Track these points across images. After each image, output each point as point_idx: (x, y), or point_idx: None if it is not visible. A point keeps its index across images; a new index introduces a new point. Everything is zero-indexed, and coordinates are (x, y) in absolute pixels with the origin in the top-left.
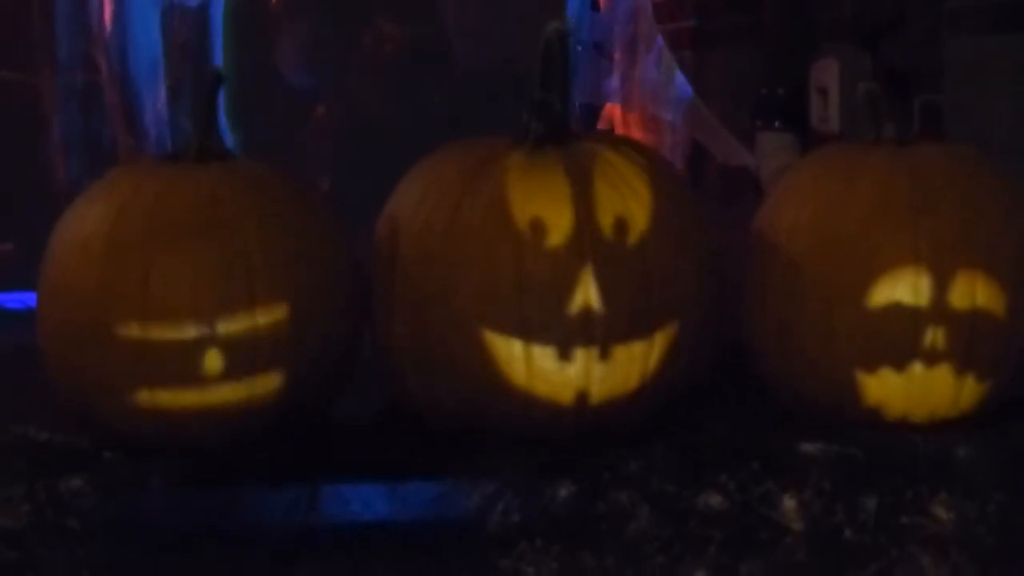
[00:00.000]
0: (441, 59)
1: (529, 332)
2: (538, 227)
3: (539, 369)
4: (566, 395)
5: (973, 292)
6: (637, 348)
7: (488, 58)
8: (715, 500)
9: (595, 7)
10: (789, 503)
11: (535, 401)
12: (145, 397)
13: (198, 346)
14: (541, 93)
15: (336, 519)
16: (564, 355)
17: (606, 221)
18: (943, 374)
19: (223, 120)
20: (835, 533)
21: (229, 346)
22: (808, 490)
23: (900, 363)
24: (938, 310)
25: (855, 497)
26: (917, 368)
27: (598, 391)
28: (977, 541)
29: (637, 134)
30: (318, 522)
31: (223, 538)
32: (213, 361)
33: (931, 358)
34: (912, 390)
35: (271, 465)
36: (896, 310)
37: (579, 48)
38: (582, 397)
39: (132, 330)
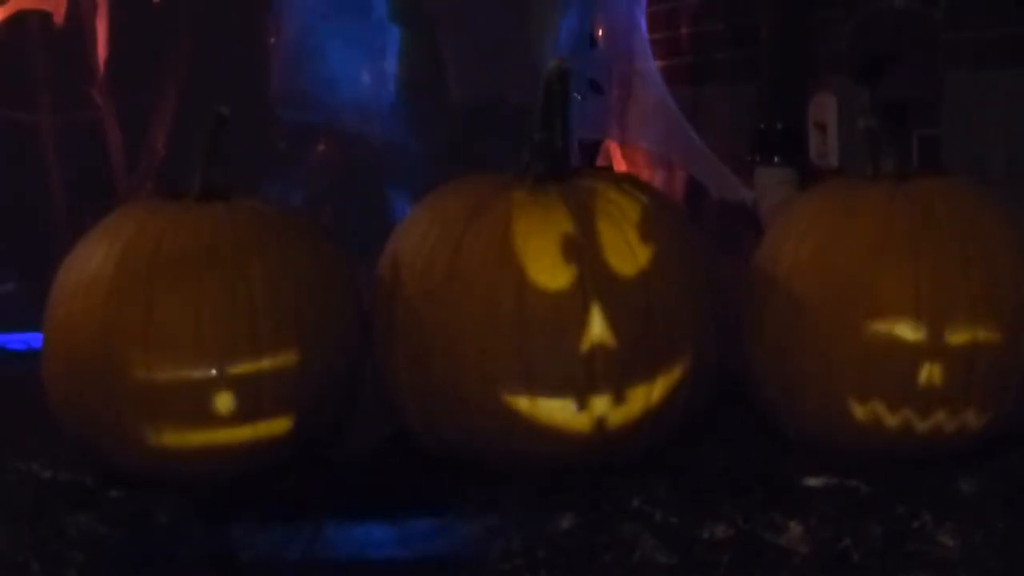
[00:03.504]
0: (437, 94)
1: (532, 369)
2: (540, 264)
3: (541, 405)
4: (568, 430)
5: (973, 327)
6: (640, 382)
7: (483, 92)
8: (720, 529)
9: (592, 44)
10: (796, 529)
11: (537, 437)
12: (153, 436)
13: (207, 386)
14: (542, 132)
15: (340, 554)
16: (566, 392)
17: (607, 256)
18: (937, 417)
19: None
20: (843, 557)
21: (239, 386)
22: (814, 517)
23: (894, 402)
24: (936, 347)
25: (861, 525)
26: (908, 413)
27: (602, 425)
28: (983, 565)
29: (635, 170)
30: (322, 557)
31: (228, 574)
32: (224, 402)
33: (926, 399)
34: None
35: (275, 501)
36: (893, 344)
37: (577, 96)
38: (585, 432)
39: (138, 371)
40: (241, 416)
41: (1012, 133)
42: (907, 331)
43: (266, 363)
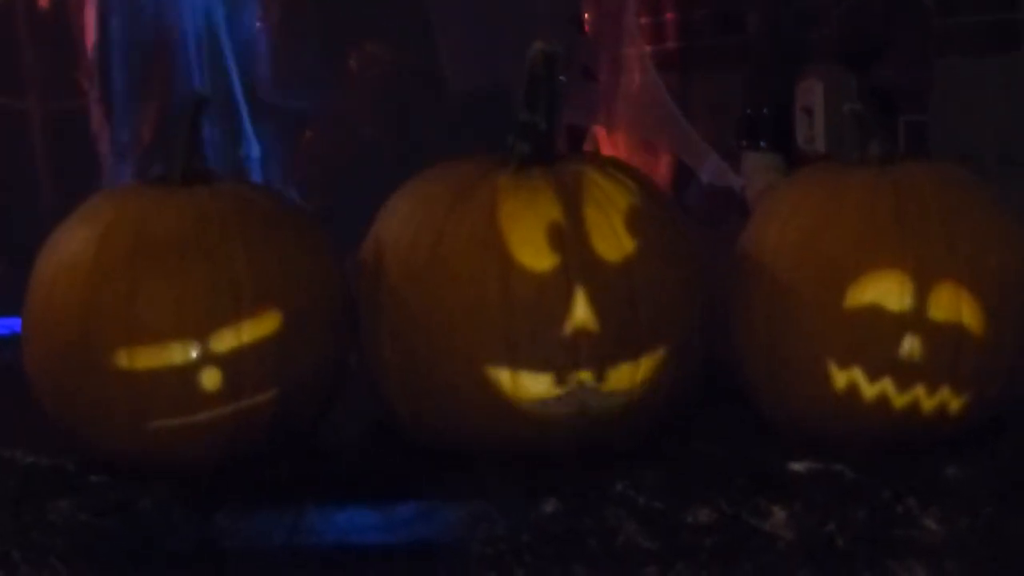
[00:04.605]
0: (432, 81)
1: (517, 353)
2: (525, 247)
3: (527, 390)
4: (554, 415)
5: (957, 308)
6: (626, 367)
7: (479, 80)
8: (704, 514)
9: (581, 30)
10: (780, 514)
11: (523, 421)
12: (138, 420)
13: (192, 366)
14: (526, 114)
15: (323, 540)
16: (553, 375)
17: (593, 241)
18: (915, 392)
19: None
20: (828, 542)
21: (224, 364)
22: (798, 503)
23: (873, 371)
24: (918, 320)
25: (846, 510)
26: (886, 384)
27: (587, 410)
28: (971, 552)
29: (623, 155)
30: (306, 543)
31: (211, 560)
32: (211, 379)
33: (906, 371)
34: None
35: (259, 487)
36: (876, 314)
37: (562, 79)
38: (571, 416)
39: (121, 355)
40: (228, 392)
41: (1002, 120)
42: (891, 302)
43: (247, 336)
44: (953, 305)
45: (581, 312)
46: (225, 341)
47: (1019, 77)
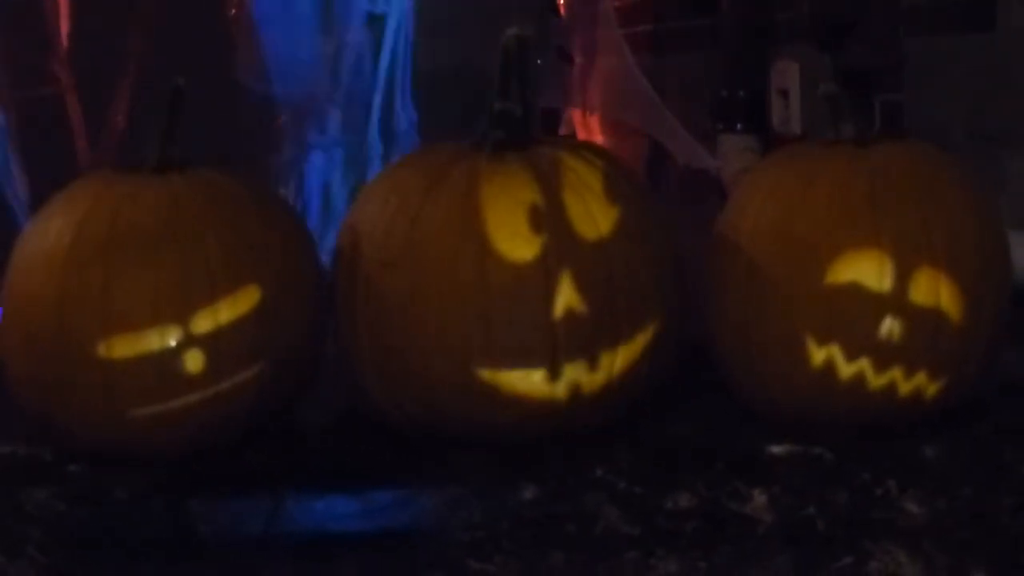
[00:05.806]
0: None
1: (498, 341)
2: (504, 232)
3: (504, 376)
4: (531, 400)
5: (936, 292)
6: (602, 351)
7: (451, 60)
8: (684, 498)
9: (556, 12)
10: (760, 498)
11: (500, 407)
12: (118, 409)
13: (172, 353)
14: (500, 99)
15: (302, 527)
16: (528, 361)
17: (572, 225)
18: (892, 374)
19: None
20: (808, 525)
21: (207, 344)
22: (778, 486)
23: (851, 350)
24: (899, 302)
25: (825, 493)
26: (864, 364)
27: (564, 395)
28: (948, 532)
29: (598, 138)
30: (283, 531)
31: (189, 549)
32: (194, 362)
33: (884, 352)
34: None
35: (236, 475)
36: (857, 293)
37: (539, 62)
38: (547, 401)
39: (98, 344)
40: (212, 372)
41: (973, 98)
42: (871, 281)
43: (227, 313)
44: (932, 290)
45: (568, 297)
46: (205, 322)
47: (995, 55)
